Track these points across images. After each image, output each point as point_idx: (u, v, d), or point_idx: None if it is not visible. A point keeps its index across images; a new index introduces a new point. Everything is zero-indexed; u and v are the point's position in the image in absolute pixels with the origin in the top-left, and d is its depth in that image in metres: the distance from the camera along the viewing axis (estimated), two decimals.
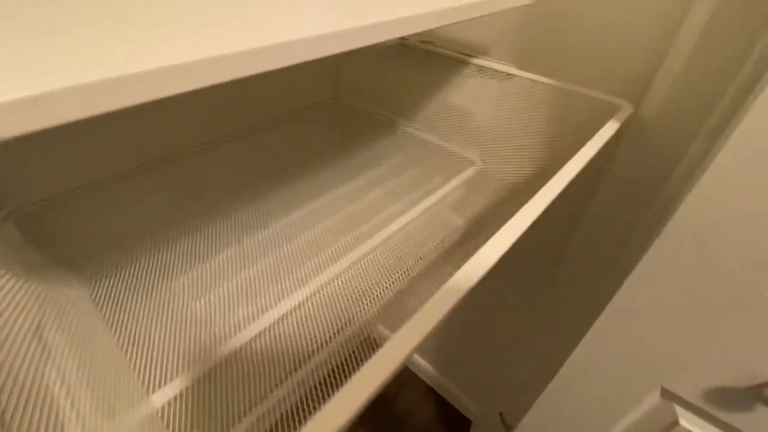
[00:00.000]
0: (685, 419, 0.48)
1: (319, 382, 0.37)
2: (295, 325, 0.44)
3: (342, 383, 0.19)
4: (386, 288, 0.48)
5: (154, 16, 0.22)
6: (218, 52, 0.18)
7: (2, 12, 0.20)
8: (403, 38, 0.66)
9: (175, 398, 0.36)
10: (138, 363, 0.38)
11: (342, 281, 0.49)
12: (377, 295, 0.47)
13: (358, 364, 0.21)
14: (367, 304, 0.46)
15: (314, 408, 0.27)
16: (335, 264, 0.50)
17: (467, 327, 1.02)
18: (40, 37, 0.18)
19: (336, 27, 0.24)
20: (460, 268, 0.25)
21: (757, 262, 0.36)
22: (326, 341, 0.42)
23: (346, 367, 0.37)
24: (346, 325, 0.43)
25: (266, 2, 0.27)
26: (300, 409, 0.34)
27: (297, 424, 0.33)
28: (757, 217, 0.34)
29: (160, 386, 0.36)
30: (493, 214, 0.59)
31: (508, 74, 0.57)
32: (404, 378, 1.25)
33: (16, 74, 0.14)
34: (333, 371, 0.38)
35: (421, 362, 1.21)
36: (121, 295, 0.45)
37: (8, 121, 0.13)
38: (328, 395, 0.20)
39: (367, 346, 0.40)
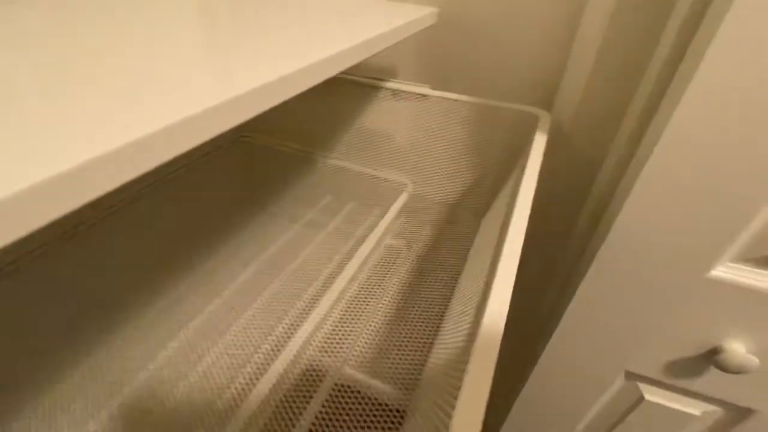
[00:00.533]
0: (650, 393, 0.51)
1: None
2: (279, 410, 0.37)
3: None
4: (366, 342, 0.44)
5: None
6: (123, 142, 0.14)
7: None
8: None
9: None
10: None
11: (313, 349, 0.43)
12: (360, 353, 0.43)
13: None
14: (354, 365, 0.41)
15: None
16: (297, 333, 0.44)
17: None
18: None
19: (240, 90, 0.20)
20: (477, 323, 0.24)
21: (690, 249, 0.39)
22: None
23: None
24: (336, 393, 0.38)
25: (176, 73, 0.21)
26: None
27: None
28: (686, 212, 0.37)
29: None
30: (442, 237, 0.57)
31: (423, 95, 0.56)
32: None
33: None
34: None
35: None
36: None
37: None
38: None
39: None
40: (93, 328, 0.45)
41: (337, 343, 0.44)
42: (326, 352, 0.43)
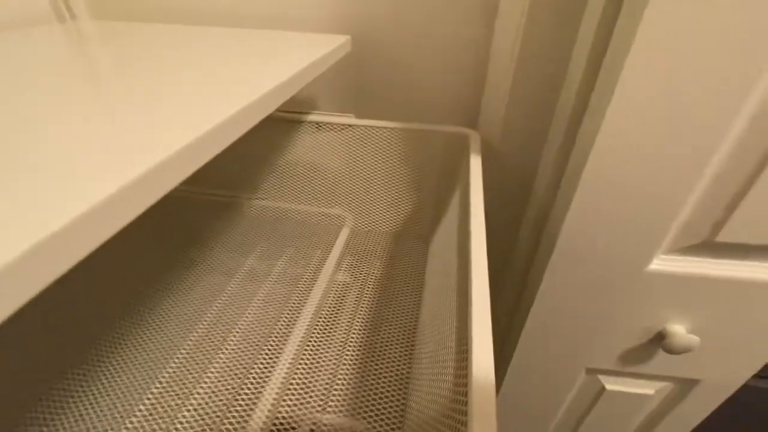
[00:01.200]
0: (609, 383, 0.54)
1: None
2: None
3: None
4: (342, 385, 0.40)
5: None
6: None
7: None
8: None
9: None
10: None
11: (287, 403, 0.39)
12: (337, 397, 0.39)
13: None
14: (332, 409, 0.37)
15: None
16: (265, 392, 0.40)
17: None
18: None
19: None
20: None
21: (629, 247, 0.41)
22: None
23: None
24: None
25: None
26: None
27: None
28: (622, 212, 0.39)
29: None
30: (393, 267, 0.55)
31: (348, 124, 0.54)
32: None
33: None
34: None
35: None
36: None
37: None
38: None
39: None
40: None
41: (310, 392, 0.40)
42: (300, 403, 0.39)
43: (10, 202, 0.14)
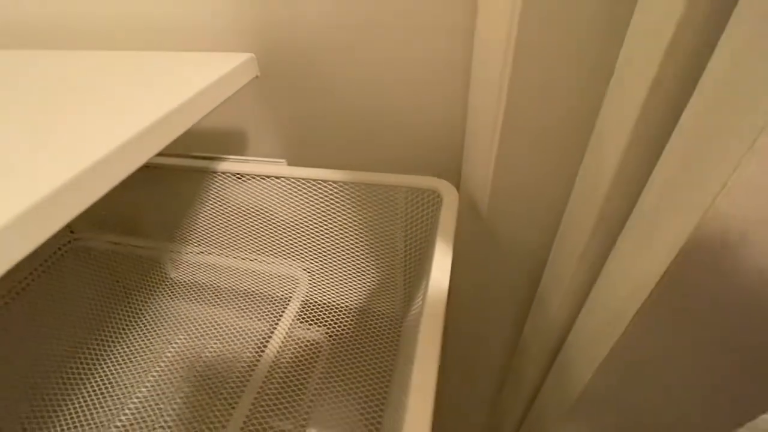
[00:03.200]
0: None
1: None
2: None
3: None
4: None
5: None
6: None
7: None
8: None
9: None
10: None
11: None
12: None
13: None
14: None
15: None
16: None
17: None
18: None
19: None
20: None
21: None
22: None
23: None
24: None
25: None
26: None
27: None
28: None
29: None
30: (354, 355, 0.41)
31: (277, 176, 0.38)
32: None
33: None
34: None
35: None
36: None
37: None
38: None
39: None
40: None
41: None
42: None
43: None
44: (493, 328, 0.42)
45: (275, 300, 0.49)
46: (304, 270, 0.49)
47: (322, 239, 0.41)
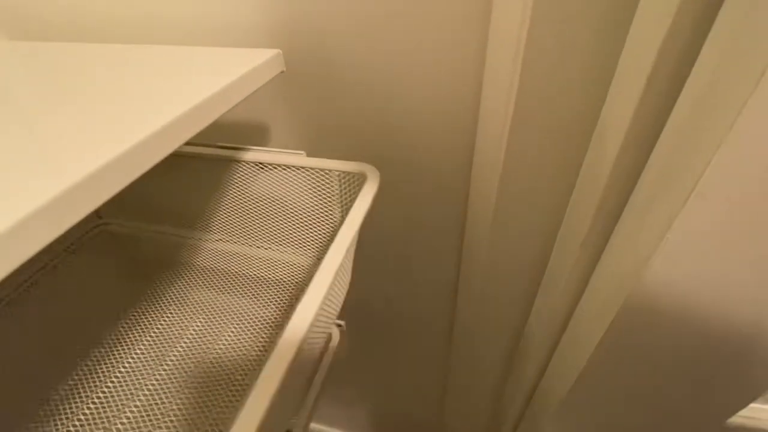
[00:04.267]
0: None
1: None
2: None
3: None
4: None
5: None
6: None
7: None
8: None
9: None
10: None
11: None
12: None
13: None
14: None
15: None
16: None
17: None
18: None
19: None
20: None
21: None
22: None
23: None
24: None
25: None
26: None
27: None
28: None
29: None
30: None
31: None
32: None
33: None
34: None
35: None
36: None
37: None
38: None
39: None
40: None
41: None
42: None
43: None
44: (501, 317, 0.44)
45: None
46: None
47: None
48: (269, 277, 0.53)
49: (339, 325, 0.66)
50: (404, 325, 0.62)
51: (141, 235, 0.58)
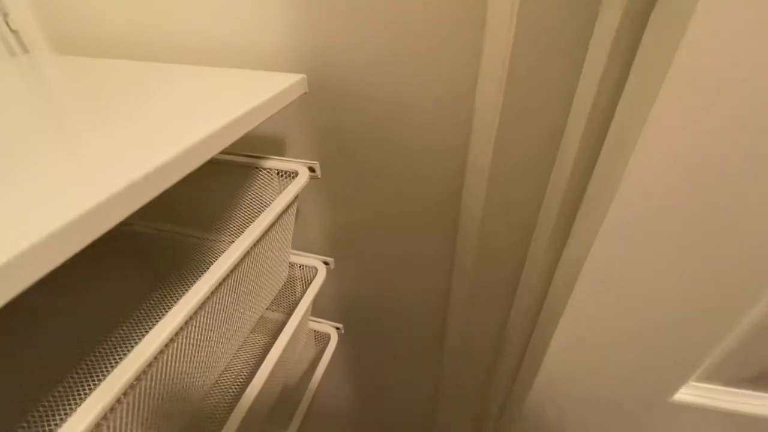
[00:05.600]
0: None
1: None
2: None
3: None
4: None
5: None
6: None
7: None
8: None
9: None
10: None
11: None
12: None
13: None
14: None
15: None
16: None
17: None
18: None
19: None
20: None
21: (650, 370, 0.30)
22: None
23: None
24: None
25: None
26: None
27: None
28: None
29: None
30: None
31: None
32: None
33: None
34: None
35: None
36: None
37: None
38: None
39: None
40: None
41: None
42: None
43: None
44: (486, 315, 0.48)
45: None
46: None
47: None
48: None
49: (337, 328, 0.70)
50: (397, 336, 0.67)
51: (160, 235, 0.63)
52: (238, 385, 0.58)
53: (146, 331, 0.50)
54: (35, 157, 0.24)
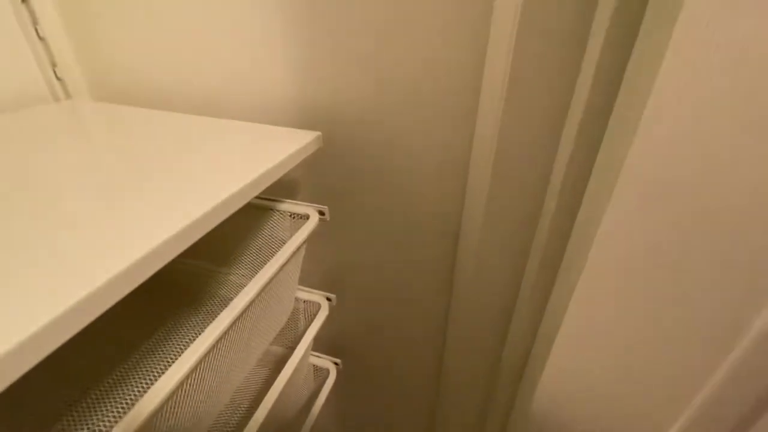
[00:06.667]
0: None
1: None
2: None
3: None
4: None
5: None
6: None
7: None
8: None
9: None
10: None
11: None
12: None
13: None
14: None
15: None
16: None
17: None
18: None
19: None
20: None
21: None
22: None
23: None
24: None
25: None
26: None
27: None
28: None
29: None
30: None
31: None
32: None
33: None
34: None
35: None
36: None
37: None
38: None
39: None
40: None
41: None
42: None
43: None
44: (480, 354, 0.51)
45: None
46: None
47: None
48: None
49: (336, 364, 0.72)
50: (394, 361, 0.69)
51: (175, 266, 0.66)
52: (238, 417, 0.59)
53: (155, 364, 0.51)
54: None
